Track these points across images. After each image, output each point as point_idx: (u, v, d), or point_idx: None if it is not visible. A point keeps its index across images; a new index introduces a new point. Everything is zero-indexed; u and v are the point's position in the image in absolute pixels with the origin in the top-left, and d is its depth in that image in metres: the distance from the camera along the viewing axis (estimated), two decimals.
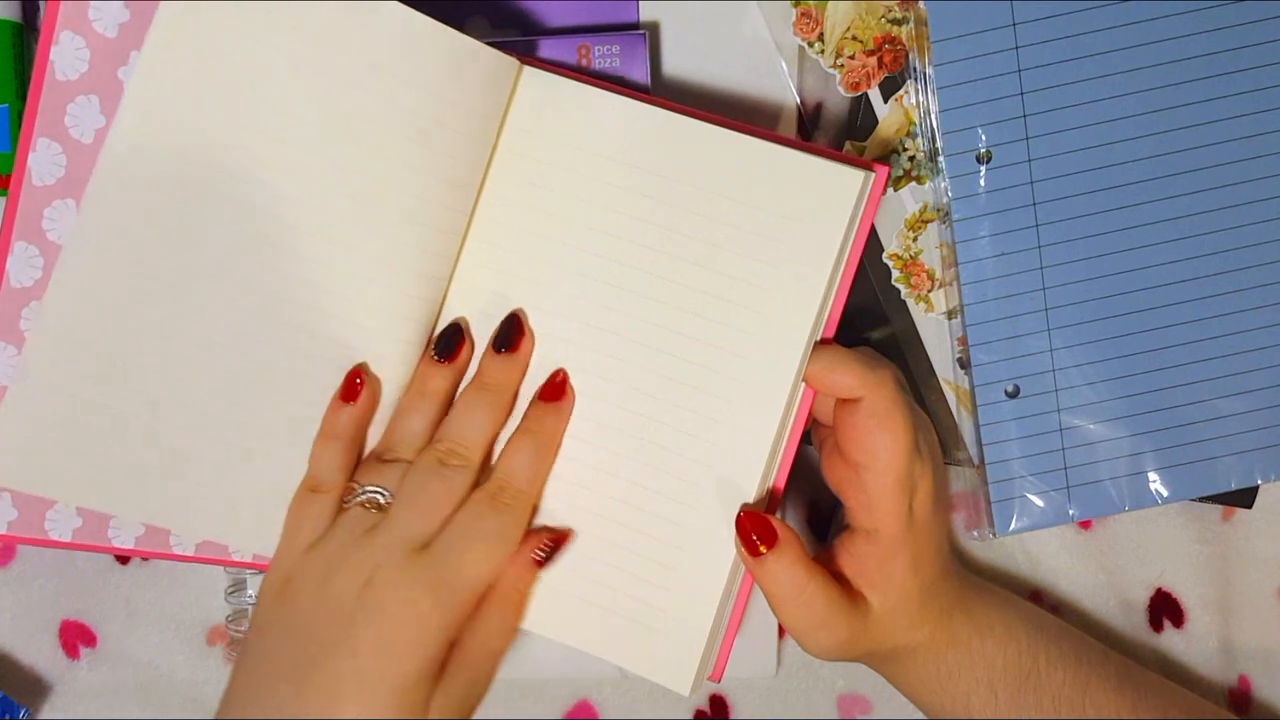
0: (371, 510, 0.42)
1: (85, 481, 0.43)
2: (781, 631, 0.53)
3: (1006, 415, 0.49)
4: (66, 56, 0.41)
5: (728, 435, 0.42)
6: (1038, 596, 0.53)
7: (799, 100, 0.51)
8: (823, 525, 0.54)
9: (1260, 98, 0.47)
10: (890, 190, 0.50)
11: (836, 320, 0.43)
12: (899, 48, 0.50)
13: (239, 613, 0.51)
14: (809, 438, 0.49)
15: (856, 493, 0.43)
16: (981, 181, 0.48)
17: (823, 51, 0.50)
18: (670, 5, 0.51)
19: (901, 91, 0.50)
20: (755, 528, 0.41)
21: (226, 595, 0.51)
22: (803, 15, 0.50)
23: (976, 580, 0.49)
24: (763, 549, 0.41)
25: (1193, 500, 0.51)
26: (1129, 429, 0.49)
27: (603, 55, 0.48)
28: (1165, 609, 0.53)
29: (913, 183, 0.50)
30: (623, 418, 0.43)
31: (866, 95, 0.50)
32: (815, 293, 0.42)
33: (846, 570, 0.44)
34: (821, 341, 0.43)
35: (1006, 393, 0.49)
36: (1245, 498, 0.52)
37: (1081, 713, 0.45)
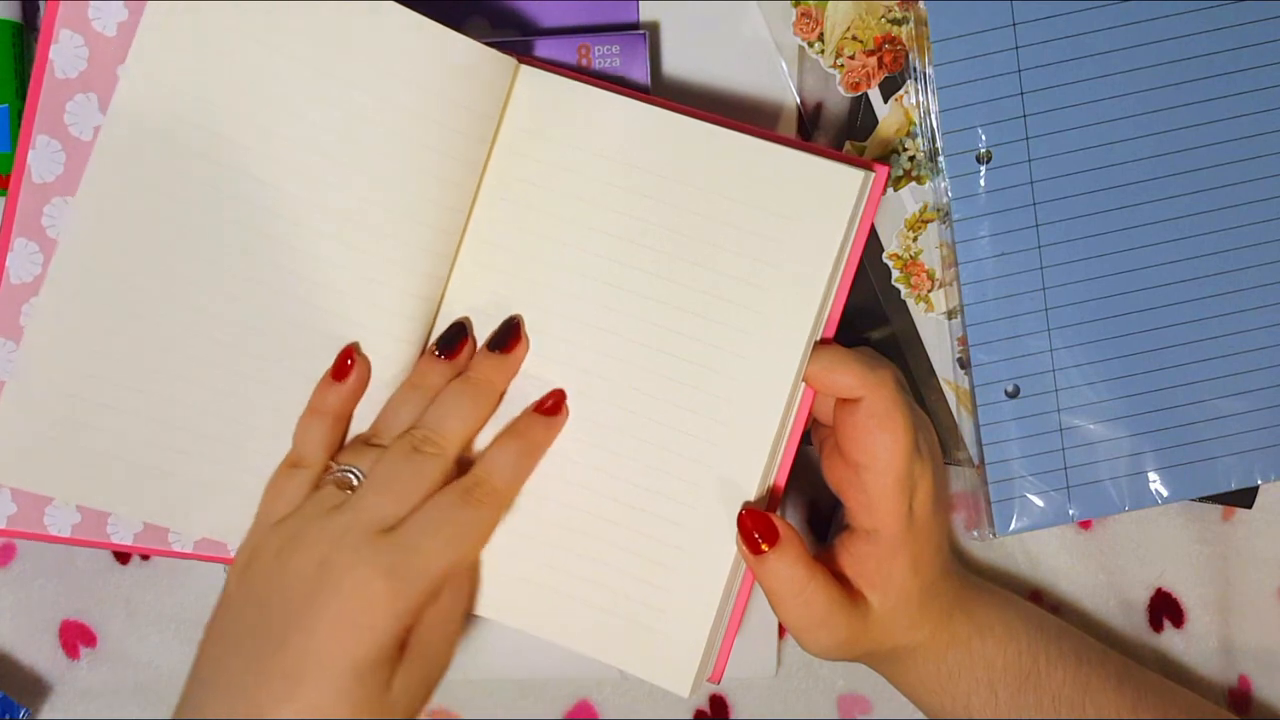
0: (343, 490, 0.41)
1: (83, 479, 0.43)
2: (781, 631, 0.53)
3: (1006, 415, 0.49)
4: (66, 55, 0.41)
5: (728, 435, 0.42)
6: (1038, 596, 0.53)
7: (799, 100, 0.51)
8: (823, 525, 0.54)
9: (1260, 98, 0.47)
10: (890, 190, 0.50)
11: (836, 320, 0.43)
12: (899, 48, 0.50)
13: None
14: (809, 438, 0.49)
15: (856, 493, 0.43)
16: (981, 181, 0.48)
17: (823, 51, 0.50)
18: (670, 5, 0.51)
19: (901, 91, 0.50)
20: (757, 526, 0.41)
21: None
22: (803, 15, 0.50)
23: (976, 580, 0.49)
24: (765, 547, 0.41)
25: (1193, 500, 0.51)
26: (1129, 429, 0.49)
27: (603, 55, 0.48)
28: (1165, 609, 0.53)
29: (913, 183, 0.50)
30: (622, 418, 0.43)
31: (866, 95, 0.50)
32: (815, 293, 0.42)
33: (847, 570, 0.44)
34: (821, 341, 0.43)
35: (1006, 393, 0.49)
36: (1245, 498, 0.52)
37: (1082, 712, 0.45)
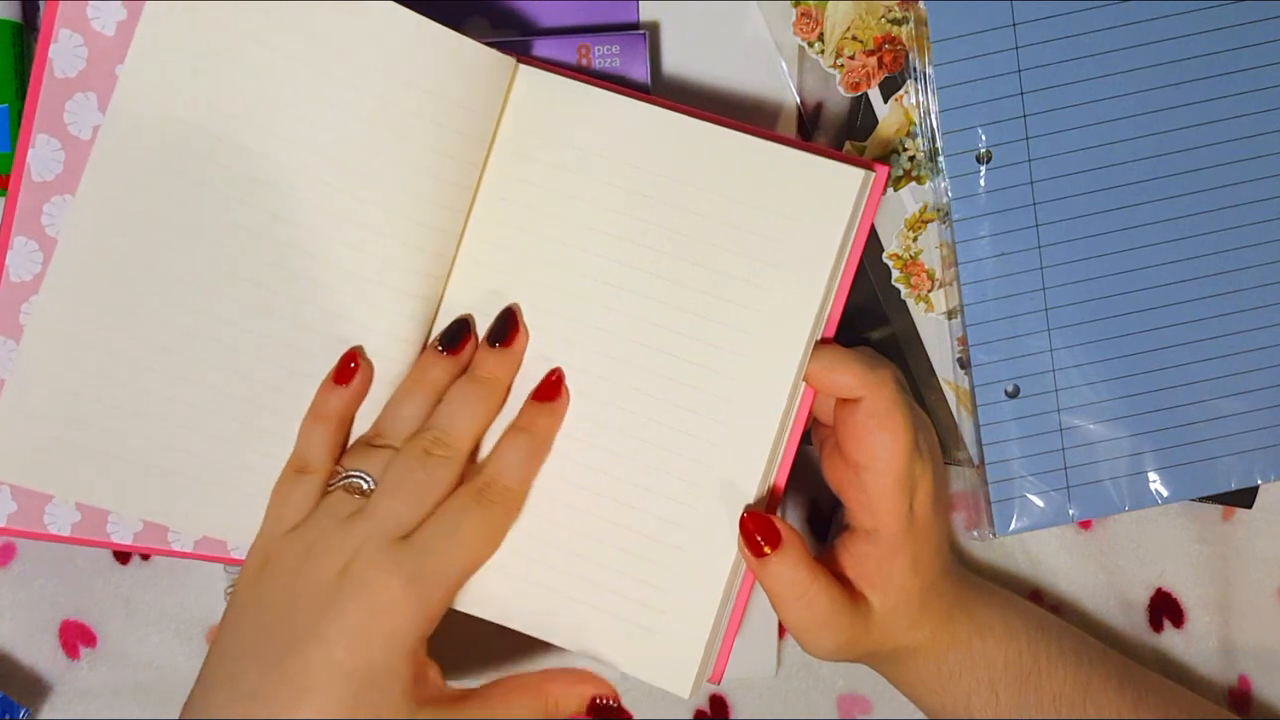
0: (354, 495, 0.41)
1: (83, 476, 0.43)
2: (782, 631, 0.53)
3: (1006, 415, 0.49)
4: (65, 54, 0.41)
5: (728, 435, 0.42)
6: (1038, 596, 0.53)
7: (799, 100, 0.51)
8: (823, 525, 0.54)
9: (1260, 98, 0.47)
10: (890, 190, 0.50)
11: (836, 320, 0.43)
12: (899, 48, 0.50)
13: None
14: (809, 438, 0.49)
15: (856, 493, 0.43)
16: (981, 181, 0.48)
17: (823, 51, 0.50)
18: (670, 5, 0.51)
19: (901, 91, 0.50)
20: (759, 528, 0.41)
21: (226, 594, 0.51)
22: (803, 15, 0.50)
23: (976, 580, 0.49)
24: (767, 550, 0.41)
25: (1193, 500, 0.51)
26: (1129, 429, 0.49)
27: (603, 55, 0.48)
28: (1165, 609, 0.53)
29: (913, 183, 0.50)
30: (622, 418, 0.43)
31: (866, 95, 0.50)
32: (815, 292, 0.42)
33: (847, 570, 0.44)
34: (821, 341, 0.43)
35: (1006, 393, 0.49)
36: (1245, 498, 0.52)
37: (1082, 712, 0.45)
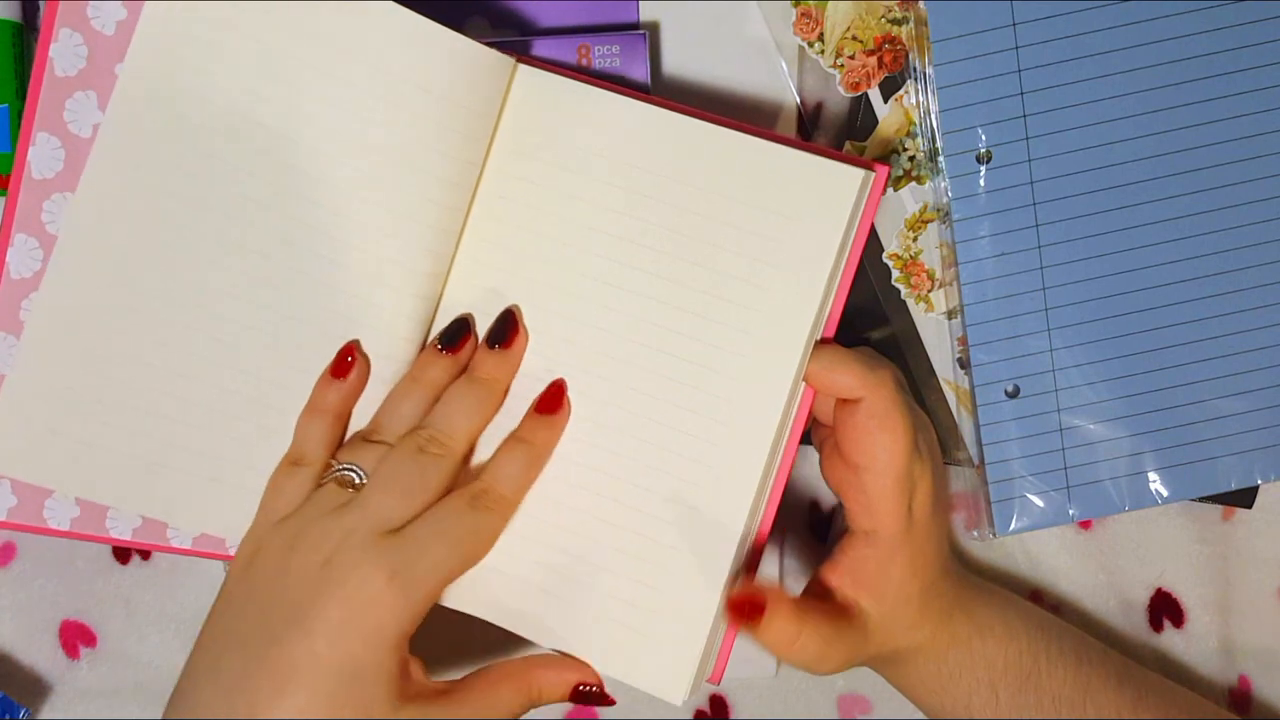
0: (346, 489, 0.41)
1: (82, 471, 0.43)
2: None
3: (1006, 415, 0.49)
4: (65, 53, 0.41)
5: (727, 435, 0.42)
6: (1038, 596, 0.53)
7: (799, 100, 0.51)
8: (823, 525, 0.54)
9: (1260, 98, 0.47)
10: (890, 190, 0.50)
11: (836, 320, 0.43)
12: (899, 48, 0.50)
13: None
14: (809, 438, 0.49)
15: (856, 493, 0.43)
16: (981, 181, 0.48)
17: (823, 51, 0.50)
18: (670, 5, 0.51)
19: (901, 91, 0.50)
20: (744, 603, 0.41)
21: None
22: (803, 15, 0.50)
23: (976, 580, 0.49)
24: (756, 620, 0.41)
25: (1193, 500, 0.51)
26: (1129, 429, 0.49)
27: (603, 55, 0.48)
28: (1165, 609, 0.53)
29: (913, 183, 0.50)
30: (621, 418, 0.43)
31: (866, 95, 0.50)
32: (815, 292, 0.42)
33: (845, 576, 0.44)
34: (821, 341, 0.43)
35: (1006, 393, 0.49)
36: (1245, 498, 0.52)
37: (1082, 712, 0.45)
